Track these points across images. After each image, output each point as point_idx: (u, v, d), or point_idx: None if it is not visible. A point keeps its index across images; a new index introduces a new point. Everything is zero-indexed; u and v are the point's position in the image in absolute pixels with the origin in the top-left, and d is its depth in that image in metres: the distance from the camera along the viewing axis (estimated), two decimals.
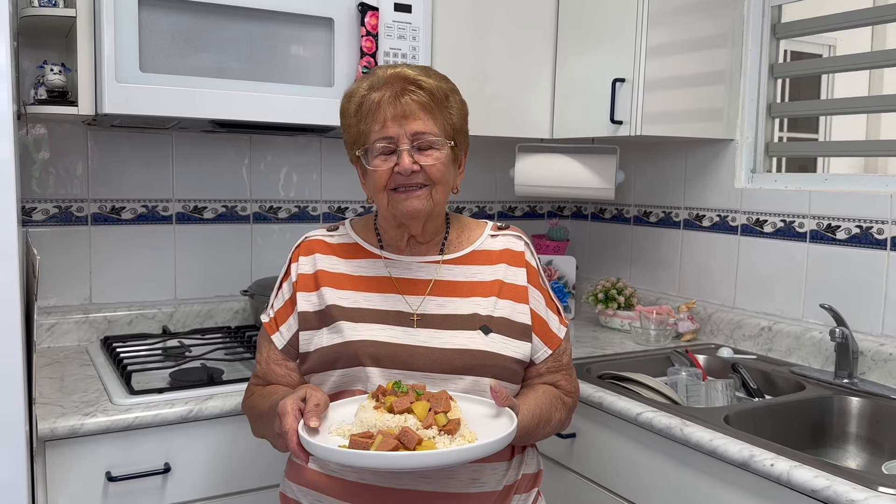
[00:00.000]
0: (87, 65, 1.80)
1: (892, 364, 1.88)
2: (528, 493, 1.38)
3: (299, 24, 1.97)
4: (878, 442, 1.78)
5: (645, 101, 2.15)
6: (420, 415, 1.13)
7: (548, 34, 2.43)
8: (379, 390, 1.20)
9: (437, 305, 1.35)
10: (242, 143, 2.37)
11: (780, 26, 2.30)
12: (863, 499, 1.25)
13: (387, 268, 1.39)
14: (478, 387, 1.30)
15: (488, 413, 1.23)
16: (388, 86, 1.30)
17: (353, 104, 1.34)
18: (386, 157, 1.30)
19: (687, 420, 1.61)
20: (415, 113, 1.29)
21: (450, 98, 1.34)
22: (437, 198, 1.33)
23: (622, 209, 2.78)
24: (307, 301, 1.38)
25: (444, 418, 1.14)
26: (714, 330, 2.37)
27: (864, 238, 1.99)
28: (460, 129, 1.37)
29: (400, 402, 1.15)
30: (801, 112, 2.55)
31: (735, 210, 2.35)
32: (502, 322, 1.34)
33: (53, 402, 1.66)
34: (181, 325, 2.29)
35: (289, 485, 1.38)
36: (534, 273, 1.43)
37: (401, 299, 1.36)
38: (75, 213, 2.18)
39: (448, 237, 1.43)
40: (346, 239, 1.44)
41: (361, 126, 1.32)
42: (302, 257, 1.42)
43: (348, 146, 1.39)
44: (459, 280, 1.38)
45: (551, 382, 1.41)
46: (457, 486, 1.25)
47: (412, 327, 1.33)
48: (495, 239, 1.44)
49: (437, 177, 1.31)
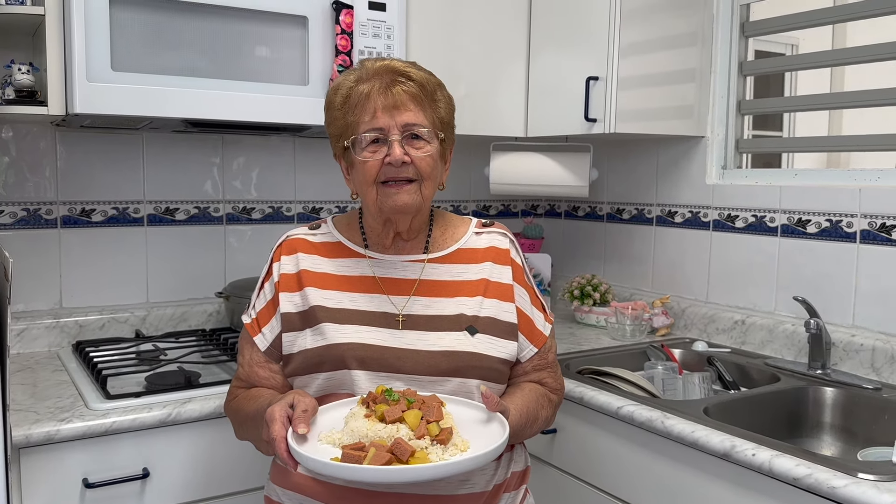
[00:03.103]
0: (56, 64, 1.77)
1: (863, 354, 1.92)
2: (517, 490, 1.37)
3: (273, 23, 1.95)
4: (851, 431, 1.81)
5: (619, 99, 2.17)
6: (412, 424, 1.12)
7: (521, 33, 2.44)
8: (369, 397, 1.18)
9: (423, 306, 1.34)
10: (214, 143, 2.34)
11: (748, 24, 2.34)
12: (843, 485, 1.28)
13: (371, 267, 1.38)
14: (465, 388, 1.29)
15: (478, 417, 1.22)
16: (378, 77, 1.29)
17: (339, 96, 1.32)
18: (375, 149, 1.29)
19: (667, 413, 1.63)
20: (405, 104, 1.28)
21: (438, 92, 1.34)
22: (425, 193, 1.32)
23: (595, 207, 2.80)
24: (290, 302, 1.35)
25: (437, 427, 1.12)
26: (688, 324, 2.40)
27: (834, 231, 2.03)
28: (448, 124, 1.36)
29: (391, 411, 1.13)
30: (771, 109, 2.60)
31: (707, 206, 2.38)
32: (488, 322, 1.34)
33: (27, 408, 1.62)
34: (154, 329, 2.26)
35: (273, 488, 1.35)
36: (519, 271, 1.42)
37: (386, 300, 1.34)
38: (44, 216, 2.13)
39: (432, 234, 1.42)
40: (330, 238, 1.42)
41: (349, 118, 1.30)
42: (284, 256, 1.39)
43: (333, 139, 1.36)
44: (445, 279, 1.37)
45: (537, 380, 1.40)
46: (446, 489, 1.24)
47: (398, 329, 1.31)
48: (480, 237, 1.43)
49: (427, 170, 1.30)
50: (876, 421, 1.76)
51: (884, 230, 1.92)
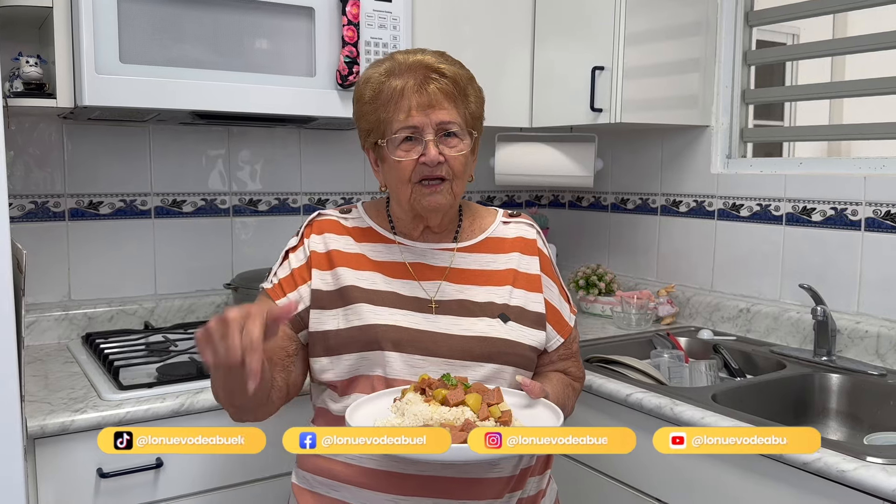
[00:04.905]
0: (64, 56, 1.77)
1: (868, 341, 1.93)
2: (542, 475, 1.39)
3: (280, 14, 1.96)
4: (857, 416, 1.83)
5: (624, 88, 2.18)
6: (474, 406, 1.14)
7: (526, 22, 2.44)
8: (423, 383, 1.19)
9: (455, 291, 1.35)
10: (220, 135, 2.35)
11: (752, 14, 2.34)
12: (853, 468, 1.29)
13: (402, 253, 1.38)
14: (497, 374, 1.31)
15: (521, 403, 1.25)
16: (411, 73, 1.28)
17: (369, 90, 1.31)
18: (409, 147, 1.29)
19: (676, 399, 1.64)
20: (440, 102, 1.28)
21: (469, 87, 1.34)
22: (456, 191, 1.33)
23: (600, 197, 2.81)
24: (321, 280, 1.34)
25: (498, 410, 1.15)
26: (693, 313, 2.41)
27: (839, 220, 2.04)
28: (478, 118, 1.36)
29: (454, 394, 1.14)
30: (775, 98, 2.61)
31: (711, 195, 2.39)
32: (518, 311, 1.35)
33: (40, 399, 1.63)
34: (163, 321, 2.27)
35: (303, 475, 1.35)
36: (546, 262, 1.44)
37: (417, 285, 1.35)
38: (52, 209, 2.14)
39: (461, 225, 1.43)
40: (361, 223, 1.42)
41: (381, 114, 1.29)
42: (314, 235, 1.38)
43: (363, 133, 1.36)
44: (474, 268, 1.38)
45: (562, 370, 1.43)
46: (475, 472, 1.25)
47: (431, 314, 1.32)
48: (507, 226, 1.45)
49: (459, 169, 1.31)
50: (881, 406, 1.78)
51: (889, 218, 1.93)
